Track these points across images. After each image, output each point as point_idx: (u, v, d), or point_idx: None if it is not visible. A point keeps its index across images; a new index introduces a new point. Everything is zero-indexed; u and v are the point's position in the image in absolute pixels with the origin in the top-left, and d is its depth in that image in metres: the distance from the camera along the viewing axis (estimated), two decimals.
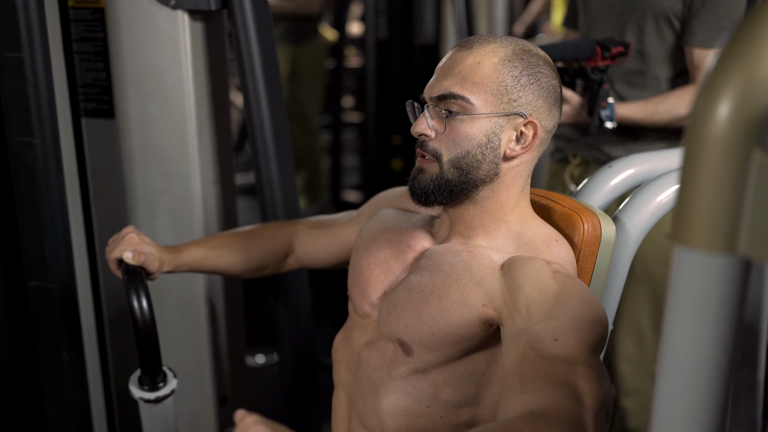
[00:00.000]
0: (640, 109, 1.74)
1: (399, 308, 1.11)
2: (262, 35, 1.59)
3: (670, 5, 1.72)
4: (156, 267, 1.31)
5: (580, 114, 1.72)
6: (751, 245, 0.55)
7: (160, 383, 1.29)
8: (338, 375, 1.23)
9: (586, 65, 1.70)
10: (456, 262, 1.09)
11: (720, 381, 0.59)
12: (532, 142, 1.09)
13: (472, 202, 1.11)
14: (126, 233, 1.32)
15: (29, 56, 1.41)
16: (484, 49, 1.08)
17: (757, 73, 0.54)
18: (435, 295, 1.07)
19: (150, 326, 1.22)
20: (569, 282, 1.01)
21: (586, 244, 1.12)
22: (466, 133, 1.07)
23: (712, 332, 0.58)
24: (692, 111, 0.56)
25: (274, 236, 1.45)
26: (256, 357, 2.79)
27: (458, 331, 1.05)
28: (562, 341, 0.92)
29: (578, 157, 1.93)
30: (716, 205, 0.55)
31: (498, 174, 1.09)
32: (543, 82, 1.08)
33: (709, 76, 0.55)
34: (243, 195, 3.46)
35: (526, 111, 1.07)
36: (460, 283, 1.07)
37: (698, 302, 0.57)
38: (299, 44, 3.89)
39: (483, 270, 1.07)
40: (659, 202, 1.21)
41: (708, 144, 0.55)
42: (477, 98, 1.06)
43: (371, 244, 1.22)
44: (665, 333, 0.59)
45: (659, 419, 0.61)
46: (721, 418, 0.60)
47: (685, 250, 0.57)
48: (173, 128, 1.66)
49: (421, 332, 1.07)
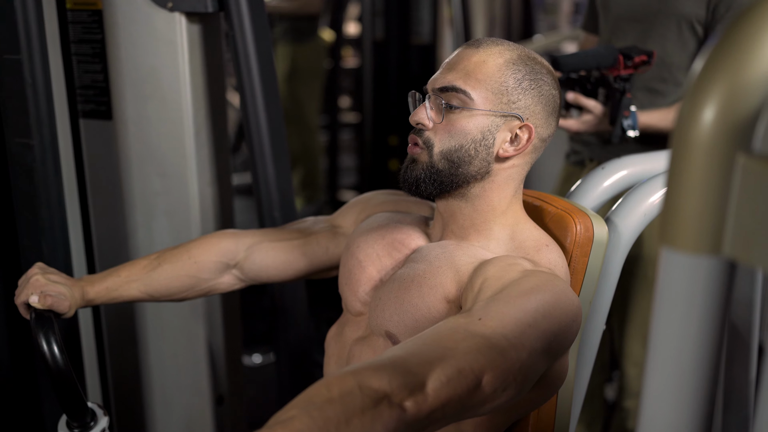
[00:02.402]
0: (663, 117, 1.72)
1: (384, 300, 1.12)
2: (259, 37, 1.60)
3: (694, 11, 1.71)
4: (67, 306, 1.22)
5: (602, 123, 1.70)
6: (735, 247, 0.56)
7: (91, 422, 1.24)
8: (328, 370, 1.24)
9: (609, 74, 1.68)
10: (441, 253, 1.11)
11: (706, 380, 0.60)
12: (525, 146, 1.10)
13: (463, 199, 1.13)
14: (31, 275, 1.23)
15: (27, 58, 1.42)
16: (491, 49, 1.10)
17: (742, 78, 0.55)
18: (416, 283, 1.09)
19: (65, 370, 1.16)
20: (539, 277, 1.01)
21: (578, 245, 1.13)
22: (462, 127, 1.09)
23: (697, 332, 0.59)
24: (678, 114, 0.58)
25: (202, 255, 1.33)
26: (253, 357, 2.80)
27: (438, 315, 1.06)
28: (485, 321, 0.92)
29: (595, 161, 1.91)
30: (701, 208, 0.56)
31: (489, 173, 1.11)
32: (544, 90, 1.10)
33: (695, 80, 0.56)
34: (240, 195, 3.47)
35: (524, 114, 1.09)
36: (440, 269, 1.08)
37: (684, 303, 0.58)
38: (299, 43, 3.90)
39: (465, 259, 1.09)
40: (651, 203, 1.22)
41: (693, 147, 0.56)
42: (478, 94, 1.08)
43: (363, 242, 1.23)
44: (652, 333, 0.61)
45: (646, 418, 0.62)
46: (707, 416, 0.61)
47: (671, 252, 0.58)
48: (171, 129, 1.67)
49: (405, 321, 1.09)
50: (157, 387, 1.83)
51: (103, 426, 1.25)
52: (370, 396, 0.78)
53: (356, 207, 1.36)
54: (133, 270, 1.31)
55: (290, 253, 1.34)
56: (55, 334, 1.16)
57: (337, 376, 0.80)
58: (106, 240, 1.76)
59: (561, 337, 0.97)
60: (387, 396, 0.79)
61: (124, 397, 1.85)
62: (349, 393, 0.77)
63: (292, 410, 0.76)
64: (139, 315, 1.80)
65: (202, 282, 1.34)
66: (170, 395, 1.83)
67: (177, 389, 1.83)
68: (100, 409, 1.26)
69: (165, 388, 1.83)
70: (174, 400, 1.83)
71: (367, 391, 0.78)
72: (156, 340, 1.81)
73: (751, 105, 0.55)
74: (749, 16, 0.55)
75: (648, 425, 0.62)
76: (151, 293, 1.32)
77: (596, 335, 1.26)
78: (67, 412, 1.22)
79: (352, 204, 1.38)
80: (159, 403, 1.84)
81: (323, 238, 1.35)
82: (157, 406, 1.84)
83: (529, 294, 0.97)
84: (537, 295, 0.97)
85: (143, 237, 1.74)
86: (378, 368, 0.81)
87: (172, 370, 1.81)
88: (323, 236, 1.35)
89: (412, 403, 0.80)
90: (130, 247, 1.75)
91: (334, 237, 1.35)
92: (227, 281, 1.37)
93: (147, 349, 1.81)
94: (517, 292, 0.97)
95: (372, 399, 0.78)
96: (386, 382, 0.79)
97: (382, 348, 1.13)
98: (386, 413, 0.78)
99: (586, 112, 1.70)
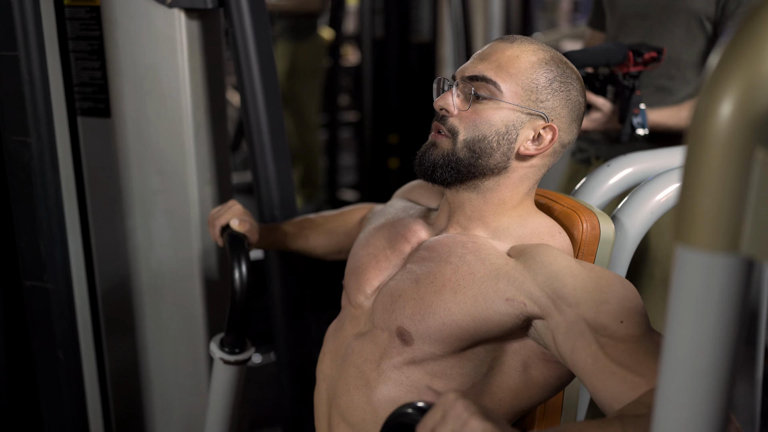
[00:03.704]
0: (673, 115, 1.70)
1: (404, 297, 1.10)
2: (259, 34, 1.58)
3: (702, 7, 1.69)
4: (256, 238, 1.40)
5: (611, 121, 1.68)
6: (753, 245, 0.54)
7: (236, 349, 1.40)
8: (321, 367, 1.22)
9: (618, 71, 1.66)
10: (463, 254, 1.09)
11: (722, 380, 0.59)
12: (547, 146, 1.09)
13: (475, 190, 1.11)
14: (231, 204, 1.41)
15: (25, 55, 1.40)
16: (525, 46, 1.10)
17: (760, 72, 0.53)
18: (448, 288, 1.07)
19: (245, 292, 1.31)
20: (589, 264, 1.04)
21: (584, 243, 1.12)
22: (488, 118, 1.08)
23: (714, 332, 0.57)
24: (695, 110, 0.56)
25: (353, 219, 1.49)
26: (254, 356, 2.79)
27: (474, 324, 1.04)
28: (627, 321, 0.95)
29: (602, 159, 1.89)
30: (718, 205, 0.55)
31: (507, 168, 1.10)
32: (572, 95, 1.10)
33: (712, 75, 0.55)
34: (240, 194, 3.46)
35: (550, 115, 1.09)
36: (475, 276, 1.06)
37: (700, 302, 0.57)
38: (299, 41, 3.90)
39: (494, 261, 1.07)
40: (658, 201, 1.21)
41: (710, 143, 0.55)
42: (507, 87, 1.07)
43: (371, 236, 1.23)
44: (667, 333, 0.59)
45: (661, 418, 0.61)
46: (723, 416, 0.60)
47: (687, 250, 0.57)
48: (169, 127, 1.65)
49: (429, 322, 1.07)
50: (156, 387, 1.82)
51: (249, 356, 1.43)
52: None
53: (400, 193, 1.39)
54: (312, 223, 1.51)
55: None
56: (247, 256, 1.33)
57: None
58: (104, 238, 1.75)
59: None
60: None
61: (124, 397, 1.84)
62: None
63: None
64: (138, 313, 1.79)
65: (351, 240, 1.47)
66: (169, 395, 1.82)
67: (176, 389, 1.81)
68: (249, 342, 1.43)
69: (164, 388, 1.82)
70: (173, 400, 1.82)
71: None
72: (155, 340, 1.79)
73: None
74: (766, 8, 0.54)
75: (663, 425, 0.61)
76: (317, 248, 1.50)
77: None
78: (229, 331, 1.39)
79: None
80: (158, 403, 1.83)
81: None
82: (156, 405, 1.83)
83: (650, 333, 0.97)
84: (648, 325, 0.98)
85: (142, 235, 1.73)
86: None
87: (171, 369, 1.80)
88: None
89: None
90: (128, 245, 1.74)
91: None
92: None
93: (146, 349, 1.80)
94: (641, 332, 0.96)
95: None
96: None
97: (386, 343, 1.11)
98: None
99: (595, 110, 1.67)
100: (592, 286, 0.99)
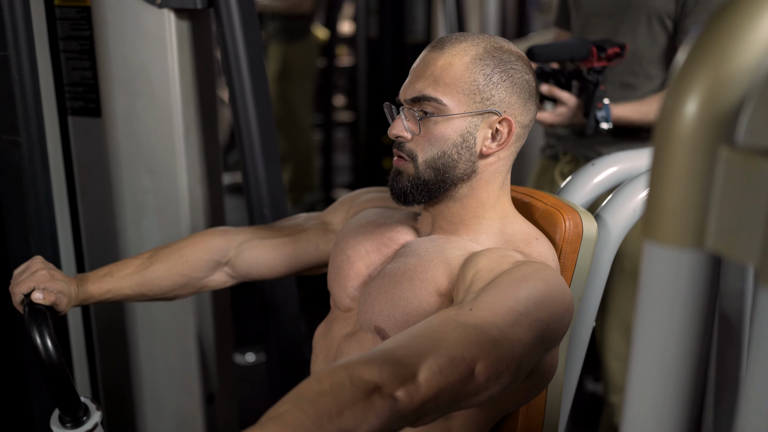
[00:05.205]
0: (635, 110, 1.74)
1: (373, 294, 1.12)
2: (249, 34, 1.59)
3: (663, 6, 1.72)
4: (65, 305, 1.21)
5: (576, 115, 1.72)
6: (718, 240, 0.55)
7: (83, 417, 1.23)
8: (315, 368, 1.24)
9: (582, 66, 1.70)
10: (431, 247, 1.11)
11: (690, 374, 0.60)
12: (507, 139, 1.09)
13: (452, 199, 1.12)
14: (36, 269, 1.21)
15: (15, 55, 1.41)
16: (455, 48, 1.09)
17: (724, 70, 0.54)
18: (406, 276, 1.08)
19: (58, 365, 1.15)
20: (531, 267, 1.01)
21: (567, 241, 1.13)
22: (441, 134, 1.08)
23: (681, 326, 0.58)
24: (661, 108, 0.57)
25: (194, 253, 1.33)
26: (246, 355, 2.80)
27: (429, 308, 1.05)
28: (476, 311, 0.92)
29: (569, 154, 1.93)
30: (684, 201, 0.56)
31: (476, 171, 1.10)
32: (516, 78, 1.09)
33: (678, 74, 0.56)
34: (235, 194, 3.46)
35: (500, 108, 1.08)
36: (431, 263, 1.08)
37: (668, 296, 0.58)
38: (291, 43, 3.90)
39: (456, 252, 1.08)
40: (641, 199, 1.21)
41: (676, 140, 0.56)
42: (450, 99, 1.07)
43: (351, 238, 1.22)
44: (636, 327, 0.60)
45: (631, 414, 0.62)
46: (692, 412, 0.61)
47: (654, 245, 0.58)
48: (160, 127, 1.66)
49: (395, 315, 1.08)
50: (147, 385, 1.82)
51: (96, 421, 1.24)
52: (361, 387, 0.78)
53: (345, 204, 1.36)
54: (126, 269, 1.31)
55: (281, 250, 1.34)
56: (49, 329, 1.15)
57: (327, 371, 0.80)
58: (95, 237, 1.75)
59: (553, 327, 0.97)
60: (378, 387, 0.79)
61: (115, 396, 1.85)
62: (340, 385, 0.77)
63: (283, 405, 0.76)
64: (129, 313, 1.79)
65: (194, 280, 1.34)
66: (160, 394, 1.83)
67: (167, 388, 1.82)
68: (93, 404, 1.25)
69: (155, 387, 1.82)
70: (164, 398, 1.83)
71: (359, 383, 0.78)
72: (146, 338, 1.80)
73: (734, 98, 0.54)
74: (731, 8, 0.55)
75: (633, 421, 0.62)
76: (144, 292, 1.32)
77: (586, 331, 1.26)
78: (60, 407, 1.21)
79: (341, 201, 1.37)
80: (149, 402, 1.83)
81: (313, 234, 1.34)
82: (147, 404, 1.84)
83: (520, 283, 0.96)
84: (528, 283, 0.97)
85: (132, 234, 1.73)
86: (369, 360, 0.81)
87: (162, 368, 1.81)
88: (313, 233, 1.35)
89: (404, 393, 0.80)
90: (119, 244, 1.75)
91: (324, 234, 1.34)
92: (219, 279, 1.37)
93: (137, 347, 1.81)
94: (509, 281, 0.97)
95: (363, 390, 0.78)
96: (377, 373, 0.79)
97: (371, 344, 1.12)
98: (378, 404, 0.78)
99: (561, 105, 1.72)
100: (491, 276, 0.99)
